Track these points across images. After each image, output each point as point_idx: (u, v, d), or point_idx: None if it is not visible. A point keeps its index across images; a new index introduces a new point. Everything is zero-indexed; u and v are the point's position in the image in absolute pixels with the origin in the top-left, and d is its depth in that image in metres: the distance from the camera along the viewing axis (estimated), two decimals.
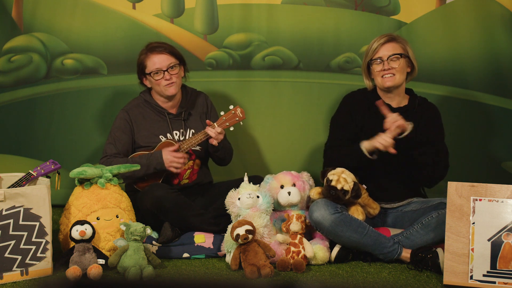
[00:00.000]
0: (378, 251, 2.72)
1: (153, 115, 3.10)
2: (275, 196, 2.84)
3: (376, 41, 2.88)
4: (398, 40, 2.89)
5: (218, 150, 3.07)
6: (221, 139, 2.98)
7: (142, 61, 3.07)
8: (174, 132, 3.10)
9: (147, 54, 3.06)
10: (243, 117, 3.01)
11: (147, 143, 3.05)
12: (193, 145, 3.02)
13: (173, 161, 2.94)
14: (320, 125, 3.58)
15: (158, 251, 2.79)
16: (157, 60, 3.03)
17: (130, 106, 3.14)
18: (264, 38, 3.66)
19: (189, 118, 3.15)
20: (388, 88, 2.88)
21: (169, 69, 3.02)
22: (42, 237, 2.54)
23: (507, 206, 2.43)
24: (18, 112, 3.71)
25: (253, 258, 2.59)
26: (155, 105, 3.11)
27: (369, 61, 2.89)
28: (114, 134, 3.07)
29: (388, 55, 2.85)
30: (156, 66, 3.02)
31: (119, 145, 3.04)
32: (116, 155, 3.02)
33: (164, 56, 3.04)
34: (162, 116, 3.10)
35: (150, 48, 3.07)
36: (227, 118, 2.99)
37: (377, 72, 2.87)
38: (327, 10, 3.64)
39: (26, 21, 3.68)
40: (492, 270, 2.41)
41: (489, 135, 3.63)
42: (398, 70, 2.85)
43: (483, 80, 3.59)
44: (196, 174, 3.13)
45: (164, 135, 3.07)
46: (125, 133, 3.07)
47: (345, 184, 2.71)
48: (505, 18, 3.56)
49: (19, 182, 2.73)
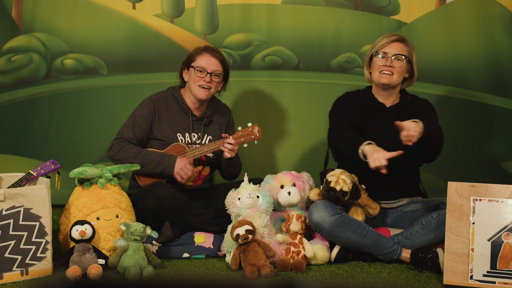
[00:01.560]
0: (378, 252, 2.72)
1: (177, 111, 3.10)
2: (275, 196, 2.84)
3: (387, 37, 2.90)
4: (407, 43, 2.91)
5: (232, 165, 3.09)
6: (234, 153, 3.00)
7: (193, 54, 3.08)
8: (193, 134, 3.10)
9: (203, 52, 3.07)
10: (259, 136, 3.04)
11: (163, 137, 3.05)
12: (206, 152, 3.04)
13: (182, 170, 2.94)
14: (320, 125, 3.58)
15: (158, 251, 2.79)
16: (208, 60, 3.05)
17: (157, 96, 3.13)
18: (264, 38, 3.66)
19: (210, 125, 3.16)
20: (383, 84, 2.89)
21: (213, 73, 3.04)
22: (42, 237, 2.54)
23: (507, 206, 2.43)
24: (18, 112, 3.71)
25: (253, 258, 2.59)
26: (182, 102, 3.11)
27: (373, 53, 2.90)
28: (135, 119, 3.06)
29: (393, 53, 2.86)
30: (204, 64, 3.04)
31: (137, 131, 3.04)
32: (131, 140, 3.01)
33: (216, 61, 3.06)
34: (185, 115, 3.11)
35: (208, 49, 3.09)
36: (243, 134, 3.02)
37: (378, 66, 2.88)
38: (327, 10, 3.65)
39: (26, 21, 3.68)
40: (492, 270, 2.41)
41: (489, 135, 3.63)
42: (398, 70, 2.87)
43: (483, 80, 3.60)
44: (202, 180, 3.14)
45: (182, 134, 3.08)
46: (146, 121, 3.06)
47: (344, 185, 2.71)
48: (505, 18, 3.56)
49: (19, 182, 2.73)
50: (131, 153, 2.96)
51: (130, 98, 3.35)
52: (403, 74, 2.91)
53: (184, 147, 3.03)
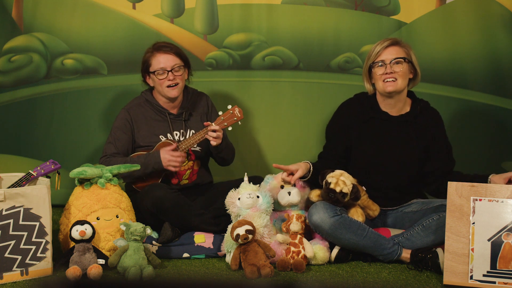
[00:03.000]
0: (378, 253, 2.71)
1: (154, 115, 3.10)
2: (275, 196, 2.84)
3: (379, 44, 2.82)
4: (402, 44, 2.84)
5: (222, 151, 3.07)
6: (220, 139, 2.98)
7: (147, 59, 3.06)
8: (175, 133, 3.09)
9: (153, 52, 3.05)
10: (241, 116, 3.00)
11: (147, 143, 3.05)
12: (191, 145, 3.02)
13: (171, 160, 2.93)
14: (320, 125, 3.57)
15: (158, 251, 2.79)
16: (162, 60, 3.02)
17: (131, 105, 3.14)
18: (264, 38, 3.66)
19: (190, 119, 3.15)
20: (389, 93, 2.82)
21: (173, 70, 3.02)
22: (42, 237, 2.54)
23: (507, 206, 2.43)
24: (18, 112, 3.71)
25: (253, 258, 2.58)
26: (156, 105, 3.10)
27: (371, 64, 2.84)
28: (115, 134, 3.07)
29: (391, 59, 2.79)
30: (160, 66, 3.02)
31: (119, 145, 3.04)
32: (115, 154, 3.02)
33: (169, 56, 3.03)
34: (163, 116, 3.10)
35: (157, 47, 3.06)
36: (225, 118, 2.98)
37: (378, 75, 2.81)
38: (327, 10, 3.64)
39: (26, 21, 3.68)
40: (492, 270, 2.41)
41: (489, 135, 3.63)
42: (400, 74, 2.80)
43: (483, 80, 3.59)
44: (196, 175, 3.13)
45: (164, 135, 3.07)
46: (125, 132, 3.06)
47: (344, 187, 2.70)
48: (505, 18, 3.56)
49: (19, 182, 2.73)
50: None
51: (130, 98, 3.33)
52: (407, 77, 2.84)
53: (170, 143, 3.01)
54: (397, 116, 2.90)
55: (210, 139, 2.95)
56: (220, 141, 2.97)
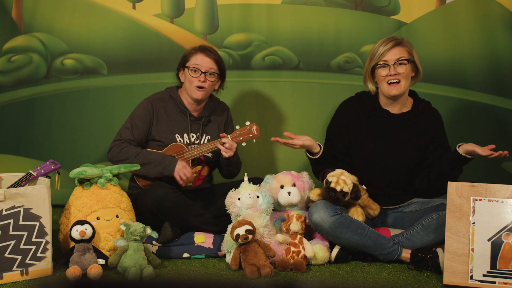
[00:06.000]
0: (378, 252, 2.71)
1: (175, 112, 3.10)
2: (275, 196, 2.84)
3: (383, 45, 2.81)
4: (404, 44, 2.83)
5: (231, 165, 3.09)
6: (232, 153, 2.99)
7: (187, 54, 3.08)
8: (191, 134, 3.10)
9: (197, 51, 3.07)
10: (257, 135, 3.04)
11: (162, 138, 3.05)
12: (203, 152, 3.03)
13: (182, 171, 2.93)
14: (320, 125, 3.57)
15: (158, 251, 2.79)
16: (201, 60, 3.04)
17: (155, 97, 3.13)
18: (264, 38, 3.66)
19: (208, 124, 3.15)
20: (394, 96, 2.84)
21: (207, 73, 3.03)
22: (42, 237, 2.54)
23: (507, 206, 2.43)
24: (18, 112, 3.71)
25: (253, 258, 2.58)
26: (180, 103, 3.11)
27: (374, 65, 2.84)
28: (133, 121, 3.06)
29: (394, 60, 2.80)
30: (197, 64, 3.03)
31: (135, 132, 3.04)
32: (131, 141, 3.01)
33: (209, 60, 3.04)
34: (183, 115, 3.10)
35: (202, 48, 3.08)
36: (241, 133, 3.01)
37: (382, 77, 2.82)
38: (327, 10, 3.65)
39: (26, 21, 3.68)
40: (492, 270, 2.41)
41: (489, 135, 3.62)
42: (403, 76, 2.80)
43: (483, 80, 3.60)
44: (201, 181, 3.14)
45: (180, 135, 3.07)
46: (145, 122, 3.06)
47: (344, 186, 2.71)
48: (505, 18, 3.56)
49: (19, 182, 2.73)
50: (132, 154, 2.96)
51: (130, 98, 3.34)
52: (410, 77, 2.85)
53: (182, 147, 3.03)
54: (398, 114, 2.91)
55: (223, 149, 2.97)
56: (232, 154, 2.99)
